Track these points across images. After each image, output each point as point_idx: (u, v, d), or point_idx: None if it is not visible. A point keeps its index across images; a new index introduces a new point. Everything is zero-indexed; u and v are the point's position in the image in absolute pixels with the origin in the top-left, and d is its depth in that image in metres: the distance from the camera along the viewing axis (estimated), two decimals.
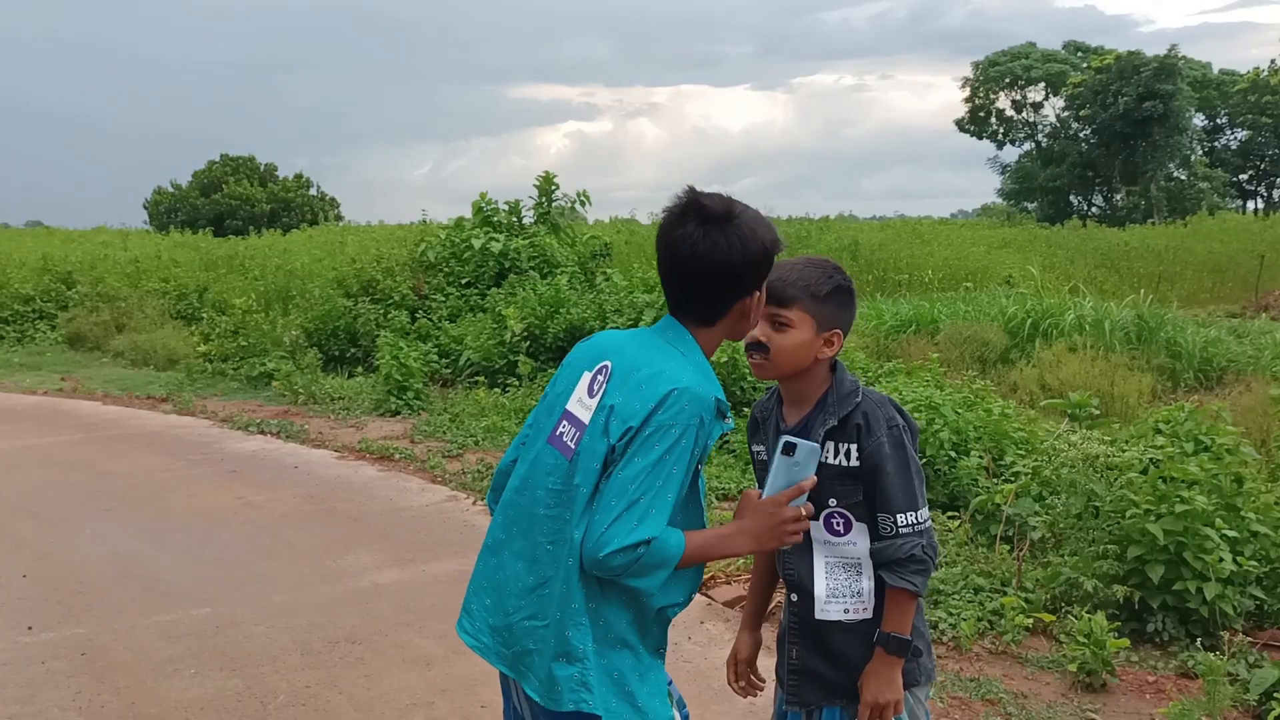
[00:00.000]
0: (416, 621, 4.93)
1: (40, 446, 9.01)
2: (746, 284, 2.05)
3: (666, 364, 2.00)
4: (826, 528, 2.27)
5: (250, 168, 53.98)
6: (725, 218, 2.01)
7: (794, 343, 2.23)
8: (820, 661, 2.30)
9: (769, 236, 2.05)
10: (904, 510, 2.20)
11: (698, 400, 1.95)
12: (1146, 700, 4.06)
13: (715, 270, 2.01)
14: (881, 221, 39.11)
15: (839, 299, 2.27)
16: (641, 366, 2.00)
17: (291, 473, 7.97)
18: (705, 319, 2.08)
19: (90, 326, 16.54)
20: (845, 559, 2.27)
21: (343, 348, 13.24)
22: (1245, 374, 11.43)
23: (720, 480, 7.01)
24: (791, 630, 2.34)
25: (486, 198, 14.41)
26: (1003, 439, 6.39)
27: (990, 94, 55.02)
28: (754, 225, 2.03)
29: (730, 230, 2.00)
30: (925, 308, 13.97)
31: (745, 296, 2.06)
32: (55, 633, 4.86)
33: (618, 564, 1.90)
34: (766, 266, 2.08)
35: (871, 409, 2.23)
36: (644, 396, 1.95)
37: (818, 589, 2.28)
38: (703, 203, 2.02)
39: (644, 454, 1.91)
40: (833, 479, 2.23)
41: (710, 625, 4.84)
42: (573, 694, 1.97)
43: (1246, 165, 57.19)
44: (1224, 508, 4.63)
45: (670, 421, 1.92)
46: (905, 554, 2.19)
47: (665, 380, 1.96)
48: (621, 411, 1.96)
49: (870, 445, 2.21)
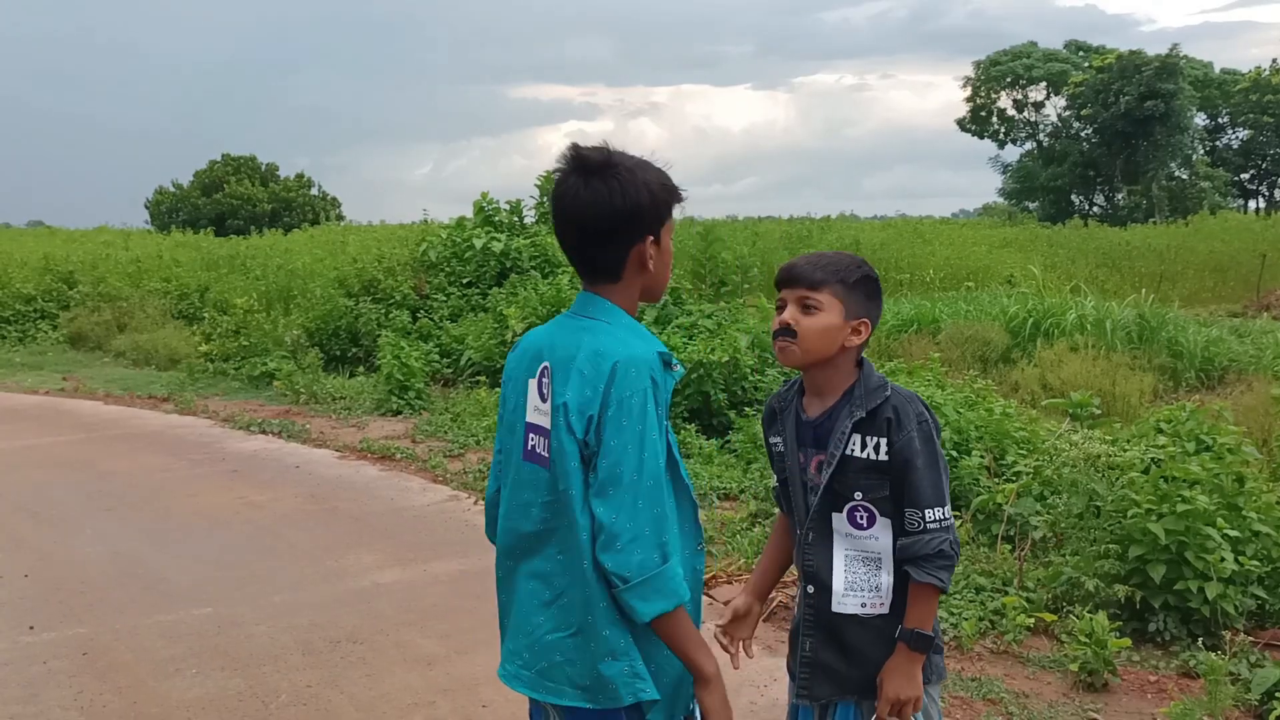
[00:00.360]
0: (418, 621, 4.93)
1: (42, 446, 9.02)
2: (637, 229, 2.01)
3: (598, 340, 1.97)
4: (850, 521, 2.25)
5: (252, 167, 54.03)
6: (605, 166, 1.99)
7: (822, 325, 2.22)
8: (833, 655, 2.29)
9: (655, 180, 2.02)
10: (932, 505, 2.19)
11: (642, 363, 1.93)
12: (1148, 700, 4.06)
13: (600, 218, 1.98)
14: (883, 221, 39.15)
15: (866, 289, 2.28)
16: (576, 353, 1.98)
17: (293, 472, 7.97)
18: (610, 274, 2.05)
19: (92, 326, 16.55)
20: (866, 553, 2.26)
21: (344, 347, 13.24)
22: (1247, 373, 11.42)
23: (721, 480, 7.01)
24: (806, 622, 2.32)
25: (488, 197, 14.40)
26: (1004, 438, 6.39)
27: (992, 93, 55.05)
28: (636, 170, 2.01)
29: (610, 176, 1.98)
30: (927, 307, 13.97)
31: (639, 242, 2.02)
32: (57, 632, 4.87)
33: (633, 574, 1.89)
34: (656, 211, 2.03)
35: (901, 403, 2.23)
36: (592, 382, 1.93)
37: (836, 582, 2.26)
38: (582, 154, 2.01)
39: (617, 435, 1.89)
40: (859, 472, 2.22)
41: (711, 625, 4.84)
42: (629, 686, 1.96)
43: (1248, 164, 57.18)
44: (1225, 507, 4.63)
45: (627, 393, 1.90)
46: (934, 549, 2.19)
47: (605, 357, 1.93)
48: (575, 405, 1.94)
49: (901, 440, 2.20)
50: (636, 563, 1.88)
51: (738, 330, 9.34)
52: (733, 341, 8.88)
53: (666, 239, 2.08)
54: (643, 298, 2.11)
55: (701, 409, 8.74)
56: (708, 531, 5.91)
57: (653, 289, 2.11)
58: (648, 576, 1.88)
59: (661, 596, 1.90)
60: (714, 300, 12.13)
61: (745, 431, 7.59)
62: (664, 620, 1.92)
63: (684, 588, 1.93)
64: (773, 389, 4.52)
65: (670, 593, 1.90)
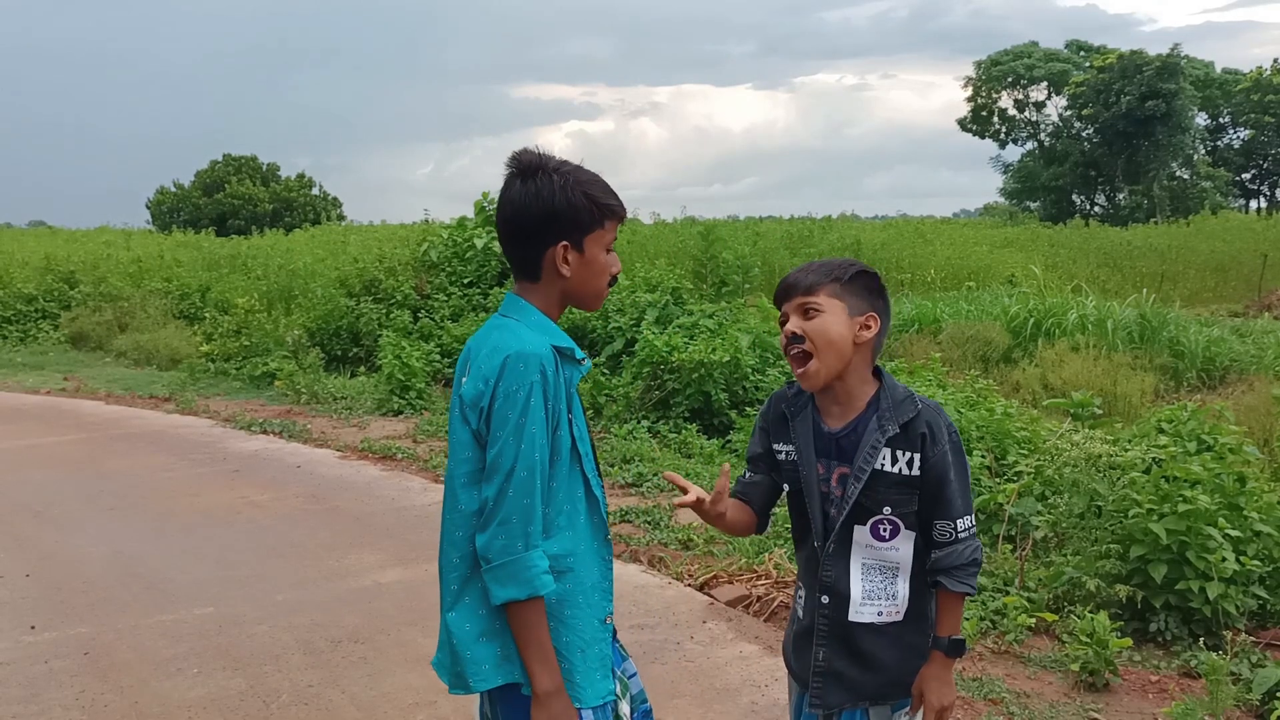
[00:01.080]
0: (419, 620, 4.93)
1: (43, 446, 9.02)
2: (551, 232, 2.06)
3: (501, 337, 2.04)
4: (872, 533, 2.23)
5: (253, 167, 54.03)
6: (535, 169, 2.07)
7: (827, 325, 2.20)
8: (847, 663, 2.27)
9: (580, 190, 2.06)
10: (964, 514, 2.21)
11: (531, 358, 1.98)
12: (1149, 700, 4.05)
13: (519, 218, 2.07)
14: (884, 221, 39.08)
15: (865, 283, 2.25)
16: (480, 349, 2.07)
17: (294, 472, 7.97)
18: (528, 273, 2.12)
19: (93, 326, 16.57)
20: (884, 562, 2.25)
21: (345, 347, 13.26)
22: (1248, 373, 11.43)
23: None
24: (820, 632, 2.29)
25: (489, 197, 14.40)
26: (1005, 438, 6.39)
27: (993, 93, 55.04)
28: (565, 176, 2.06)
29: (538, 179, 2.05)
30: (928, 307, 13.95)
31: (552, 245, 2.07)
32: (58, 632, 4.87)
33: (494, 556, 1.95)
34: (574, 218, 2.07)
35: (933, 417, 2.22)
36: (484, 375, 2.00)
37: (854, 591, 2.25)
38: (519, 157, 2.09)
39: (501, 426, 1.96)
40: (890, 487, 2.20)
41: (713, 624, 4.85)
42: (499, 670, 2.02)
43: (1249, 164, 57.19)
44: (1227, 507, 4.63)
45: (513, 387, 1.96)
46: (968, 559, 2.21)
47: (499, 352, 2.00)
48: (469, 397, 2.02)
49: (935, 454, 2.19)
50: (499, 546, 1.95)
51: (739, 330, 9.35)
52: (734, 341, 8.88)
53: (594, 249, 2.10)
54: (572, 304, 2.17)
55: (703, 409, 8.74)
56: (709, 532, 5.91)
57: (578, 296, 2.14)
58: (506, 561, 1.94)
59: (515, 583, 1.95)
60: (715, 300, 12.14)
61: (746, 431, 7.60)
62: (514, 610, 1.97)
63: (541, 580, 1.96)
64: (773, 389, 4.50)
65: (524, 581, 1.94)
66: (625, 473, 7.37)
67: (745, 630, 4.77)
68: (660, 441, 8.28)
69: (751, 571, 5.35)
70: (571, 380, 2.07)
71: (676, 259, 14.98)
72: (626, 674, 2.22)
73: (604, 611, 2.12)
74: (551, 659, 2.00)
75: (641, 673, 2.37)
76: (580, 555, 2.08)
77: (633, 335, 10.22)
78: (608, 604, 2.14)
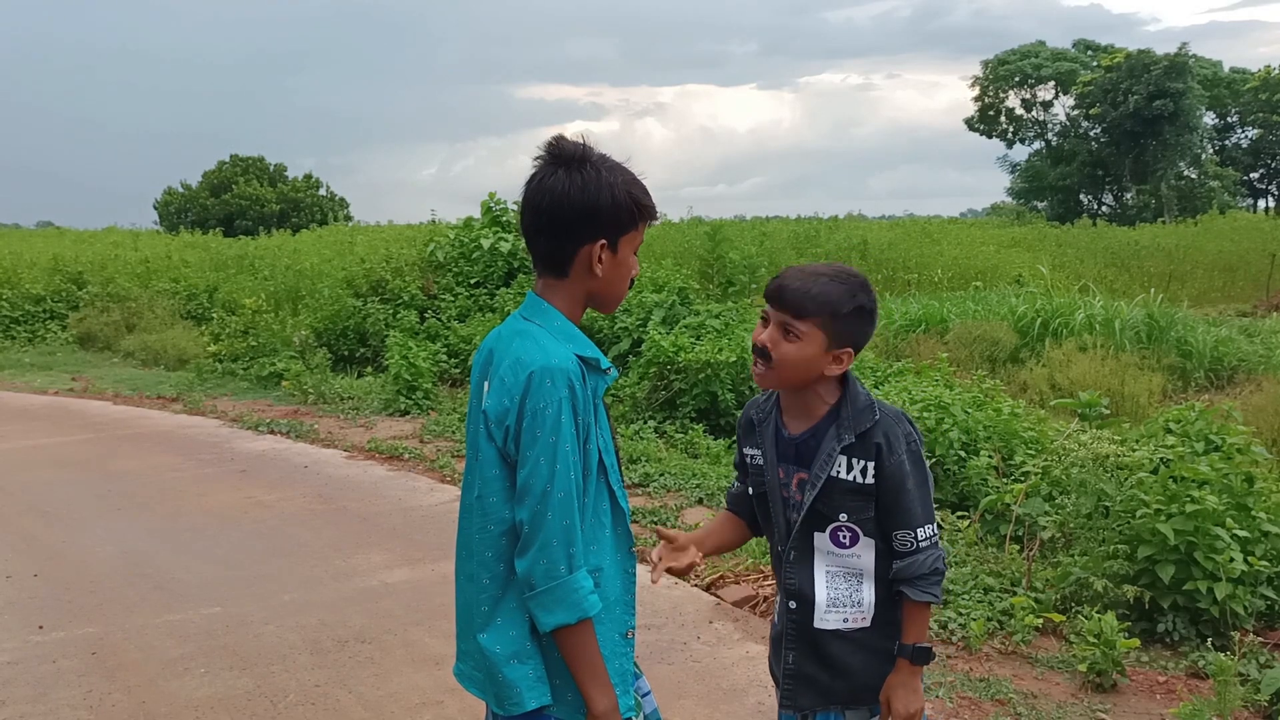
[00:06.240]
0: (426, 621, 4.93)
1: (51, 446, 9.05)
2: (590, 228, 1.97)
3: (524, 347, 1.96)
4: (833, 540, 2.25)
5: (260, 168, 54.13)
6: (578, 159, 1.96)
7: (799, 356, 2.19)
8: (816, 668, 2.29)
9: (624, 187, 1.98)
10: (923, 524, 2.21)
11: (558, 373, 1.90)
12: (1157, 700, 4.04)
13: (557, 209, 1.95)
14: (890, 221, 39.05)
15: (858, 317, 2.22)
16: (502, 360, 1.97)
17: (301, 472, 7.99)
18: (556, 269, 2.01)
19: (101, 326, 16.60)
20: (848, 569, 2.26)
21: (352, 347, 13.27)
22: (1256, 373, 11.39)
23: (728, 480, 6.99)
24: (789, 636, 2.32)
25: (495, 197, 14.42)
26: (1012, 438, 6.38)
27: (1000, 93, 54.91)
28: (606, 172, 1.96)
29: (578, 171, 1.95)
30: (935, 307, 13.93)
31: (589, 242, 1.98)
32: (66, 632, 4.88)
33: (538, 582, 1.90)
34: (615, 216, 1.98)
35: (890, 426, 2.21)
36: (509, 391, 1.92)
37: (818, 597, 2.26)
38: (561, 145, 1.98)
39: (531, 446, 1.89)
40: (845, 494, 2.21)
41: (719, 625, 4.84)
42: (532, 691, 1.97)
43: (1257, 164, 56.99)
44: (1235, 507, 4.62)
45: (541, 404, 1.89)
46: (929, 569, 2.21)
47: (523, 366, 1.92)
48: (494, 414, 1.94)
49: (891, 464, 2.19)
50: (542, 571, 1.89)
51: (745, 330, 9.34)
52: (740, 341, 8.88)
53: (625, 251, 2.03)
54: (592, 305, 2.09)
55: (709, 409, 8.74)
56: None
57: (602, 298, 2.07)
58: (551, 586, 1.89)
59: (563, 608, 1.89)
60: (721, 300, 12.13)
61: None
62: (564, 634, 1.92)
63: (590, 601, 1.91)
64: None
65: (573, 605, 1.89)
66: (632, 473, 7.37)
67: (752, 630, 4.77)
68: (667, 441, 8.29)
69: (758, 571, 5.35)
70: (597, 391, 2.00)
71: (683, 259, 15.00)
72: (640, 692, 2.18)
73: (626, 626, 2.08)
74: (605, 679, 1.96)
75: (648, 673, 2.37)
76: (605, 570, 2.02)
77: (639, 335, 10.22)
78: (630, 618, 2.09)
